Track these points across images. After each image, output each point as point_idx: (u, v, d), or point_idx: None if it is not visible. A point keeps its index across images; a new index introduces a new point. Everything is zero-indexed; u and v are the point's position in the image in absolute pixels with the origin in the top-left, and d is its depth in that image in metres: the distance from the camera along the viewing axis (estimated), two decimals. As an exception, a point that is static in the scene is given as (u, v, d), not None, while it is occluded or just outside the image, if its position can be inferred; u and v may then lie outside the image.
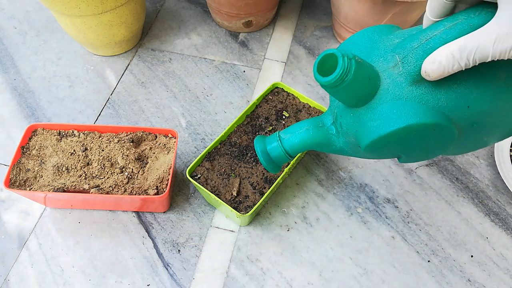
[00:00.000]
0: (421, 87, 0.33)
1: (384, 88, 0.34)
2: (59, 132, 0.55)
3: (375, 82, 0.34)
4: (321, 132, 0.42)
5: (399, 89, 0.33)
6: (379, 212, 0.57)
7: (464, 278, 0.52)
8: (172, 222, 0.55)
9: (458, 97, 0.33)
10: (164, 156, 0.53)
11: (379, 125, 0.34)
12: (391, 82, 0.34)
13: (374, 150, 0.36)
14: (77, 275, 0.51)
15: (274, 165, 0.44)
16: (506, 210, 0.57)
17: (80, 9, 0.59)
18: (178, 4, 0.82)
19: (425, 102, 0.33)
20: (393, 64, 0.34)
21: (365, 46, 0.37)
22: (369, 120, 0.35)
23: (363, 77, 0.33)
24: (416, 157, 0.39)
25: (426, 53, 0.31)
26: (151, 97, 0.68)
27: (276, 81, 0.64)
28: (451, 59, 0.29)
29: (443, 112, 0.33)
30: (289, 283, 0.51)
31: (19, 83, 0.69)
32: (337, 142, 0.41)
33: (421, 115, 0.32)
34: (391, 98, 0.34)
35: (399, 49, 0.33)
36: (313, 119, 0.43)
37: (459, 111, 0.33)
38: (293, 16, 0.81)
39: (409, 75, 0.33)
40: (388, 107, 0.34)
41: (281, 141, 0.43)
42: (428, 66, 0.30)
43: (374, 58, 0.35)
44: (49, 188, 0.49)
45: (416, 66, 0.32)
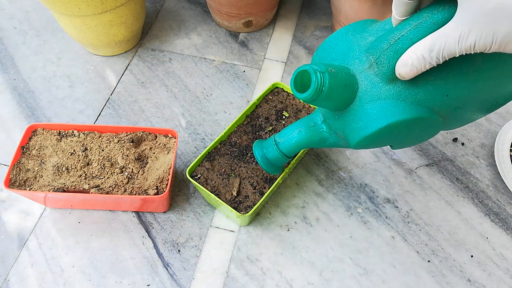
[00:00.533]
0: (397, 85, 0.34)
1: (363, 90, 0.35)
2: (59, 132, 0.55)
3: (352, 87, 0.35)
4: (314, 131, 0.43)
5: (377, 90, 0.34)
6: (379, 212, 0.57)
7: (464, 278, 0.52)
8: (172, 222, 0.55)
9: (436, 89, 0.33)
10: (164, 156, 0.53)
11: (363, 126, 0.35)
12: (368, 84, 0.34)
13: (363, 147, 0.37)
14: (77, 275, 0.51)
15: (274, 167, 0.47)
16: (506, 210, 0.57)
17: (80, 9, 0.59)
18: (178, 4, 0.82)
19: (403, 98, 0.34)
20: (368, 65, 0.34)
21: (340, 51, 0.37)
22: (353, 121, 0.36)
23: (339, 85, 0.34)
24: (407, 144, 0.40)
25: (396, 53, 0.32)
26: (151, 97, 0.68)
27: (276, 81, 0.64)
28: (422, 60, 0.30)
29: (423, 105, 0.34)
30: (289, 283, 0.51)
31: (19, 83, 0.69)
32: (330, 139, 0.43)
33: (401, 112, 0.33)
34: (371, 99, 0.35)
35: (371, 50, 0.34)
36: (305, 119, 0.44)
37: (439, 101, 0.34)
38: (293, 16, 0.81)
39: (384, 76, 0.34)
40: (369, 108, 0.35)
41: (277, 145, 0.45)
42: (401, 69, 0.31)
43: (350, 61, 0.36)
44: (49, 188, 0.49)
45: (389, 67, 0.33)
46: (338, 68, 0.34)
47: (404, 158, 0.62)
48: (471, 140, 0.64)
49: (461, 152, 0.63)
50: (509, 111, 0.67)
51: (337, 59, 0.37)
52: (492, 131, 0.65)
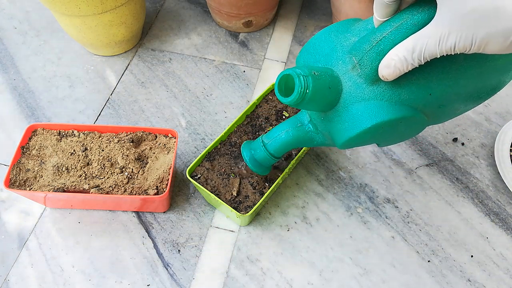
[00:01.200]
0: (381, 86, 0.34)
1: (347, 92, 0.35)
2: (59, 132, 0.55)
3: (336, 89, 0.35)
4: (301, 131, 0.43)
5: (361, 91, 0.34)
6: (379, 212, 0.57)
7: (464, 278, 0.52)
8: (172, 222, 0.55)
9: (419, 88, 0.34)
10: (164, 156, 0.53)
11: (348, 127, 0.35)
12: (352, 85, 0.35)
13: (349, 146, 0.38)
14: (77, 275, 0.51)
15: (263, 168, 0.48)
16: (506, 210, 0.57)
17: (80, 9, 0.59)
18: (178, 4, 0.82)
19: (387, 98, 0.34)
20: (351, 66, 0.35)
21: (324, 52, 0.37)
22: (338, 123, 0.36)
23: (323, 88, 0.34)
24: (393, 142, 0.41)
25: (378, 55, 0.32)
26: (151, 97, 0.68)
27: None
28: (404, 61, 0.30)
29: (407, 104, 0.34)
30: (289, 283, 0.51)
31: (19, 83, 0.69)
32: (317, 138, 0.43)
33: (385, 112, 0.33)
34: (355, 100, 0.35)
35: (354, 51, 0.34)
36: (292, 119, 0.45)
37: (422, 100, 0.34)
38: (293, 16, 0.81)
39: (367, 77, 0.34)
40: (353, 109, 0.35)
41: (265, 146, 0.45)
42: (384, 71, 0.32)
43: (334, 62, 0.36)
44: (49, 188, 0.49)
45: (372, 68, 0.33)
46: (322, 71, 0.34)
47: (404, 158, 0.62)
48: (471, 140, 0.64)
49: (461, 152, 0.63)
50: (509, 111, 0.67)
51: (321, 60, 0.37)
52: (492, 131, 0.65)
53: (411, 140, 0.64)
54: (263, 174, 0.48)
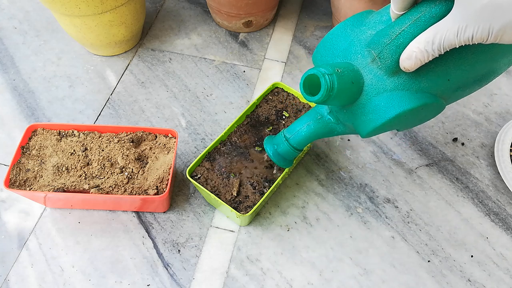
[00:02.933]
0: (401, 76, 0.35)
1: (368, 84, 0.36)
2: (59, 132, 0.55)
3: (358, 83, 0.36)
4: (321, 123, 0.45)
5: (382, 82, 0.36)
6: (379, 212, 0.57)
7: (464, 278, 0.52)
8: (172, 222, 0.55)
9: (438, 75, 0.35)
10: (164, 156, 0.53)
11: (372, 118, 0.37)
12: (373, 77, 0.36)
13: (373, 135, 0.39)
14: (77, 275, 0.51)
15: (286, 161, 0.49)
16: (506, 210, 0.57)
17: (80, 9, 0.59)
18: (178, 4, 0.82)
19: (408, 88, 0.35)
20: (371, 59, 0.36)
21: (341, 47, 0.38)
22: (362, 114, 0.37)
23: (346, 84, 0.35)
24: (412, 126, 0.42)
25: (398, 48, 0.33)
26: (151, 97, 0.68)
27: (276, 81, 0.64)
28: (425, 52, 0.32)
29: (427, 92, 0.35)
30: (289, 283, 0.51)
31: (19, 83, 0.69)
32: (338, 129, 0.44)
33: (407, 101, 0.35)
34: (377, 92, 0.36)
35: (373, 45, 0.35)
36: (311, 112, 0.46)
37: (441, 86, 0.36)
38: (293, 16, 0.81)
39: (388, 69, 0.35)
40: (376, 101, 0.36)
41: (288, 141, 0.47)
42: (405, 62, 0.33)
43: (353, 56, 0.37)
44: (49, 188, 0.49)
45: (392, 60, 0.34)
46: (344, 67, 0.35)
47: (404, 158, 0.62)
48: (471, 140, 0.64)
49: (461, 152, 0.63)
50: (509, 111, 0.67)
51: (339, 55, 0.38)
52: (492, 131, 0.65)
53: (411, 140, 0.64)
54: (286, 167, 0.49)
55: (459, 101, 0.69)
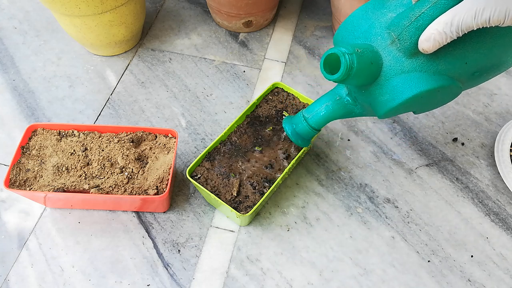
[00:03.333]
0: (419, 58, 0.36)
1: (387, 65, 0.37)
2: (59, 132, 0.55)
3: (377, 63, 0.37)
4: (340, 104, 0.46)
5: (400, 63, 0.37)
6: (379, 212, 0.57)
7: (464, 278, 0.52)
8: (172, 222, 0.55)
9: (455, 58, 0.36)
10: (164, 156, 0.53)
11: (389, 99, 0.38)
12: (392, 59, 0.37)
13: (390, 116, 0.40)
14: (77, 275, 0.51)
15: (304, 140, 0.50)
16: (506, 210, 0.57)
17: (80, 9, 0.59)
18: (178, 4, 0.82)
19: (426, 70, 0.36)
20: (390, 41, 0.37)
21: (362, 29, 0.39)
22: (380, 95, 0.39)
23: (366, 64, 0.36)
24: (429, 109, 0.43)
25: (418, 30, 0.34)
26: (151, 97, 0.68)
27: (276, 81, 0.64)
28: (443, 34, 0.32)
29: (444, 74, 0.36)
30: (289, 283, 0.51)
31: (19, 83, 0.69)
32: (356, 110, 0.45)
33: (424, 83, 0.36)
34: (395, 73, 0.37)
35: (393, 27, 0.36)
36: (330, 93, 0.47)
37: (458, 69, 0.36)
38: (293, 16, 0.81)
39: (407, 50, 0.36)
40: (394, 82, 0.37)
41: (307, 121, 0.48)
42: (424, 44, 0.34)
43: (373, 38, 0.38)
44: (49, 188, 0.49)
45: (411, 42, 0.35)
46: (364, 47, 0.36)
47: (404, 158, 0.62)
48: (471, 140, 0.64)
49: (461, 152, 0.63)
50: (509, 111, 0.67)
51: (360, 37, 0.39)
52: (492, 131, 0.65)
53: (411, 140, 0.64)
54: (304, 146, 0.51)
55: (459, 101, 0.69)
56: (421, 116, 0.67)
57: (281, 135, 0.55)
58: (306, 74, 0.72)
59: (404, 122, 0.66)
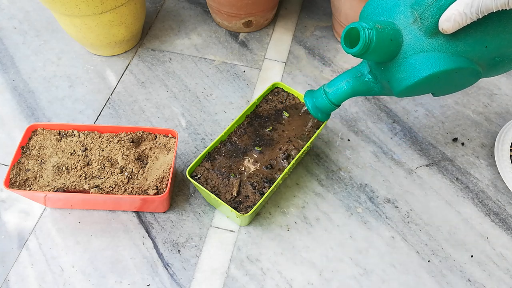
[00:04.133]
0: (439, 38, 0.37)
1: (407, 44, 0.38)
2: (59, 132, 0.55)
3: (397, 41, 0.38)
4: (360, 81, 0.46)
5: (420, 43, 0.37)
6: (379, 212, 0.57)
7: (464, 278, 0.52)
8: (172, 222, 0.55)
9: (475, 41, 0.36)
10: (164, 156, 0.53)
11: (406, 77, 0.38)
12: (412, 37, 0.38)
13: (407, 95, 0.41)
14: (77, 275, 0.51)
15: (324, 114, 0.51)
16: (506, 210, 0.57)
17: (80, 9, 0.59)
18: (178, 4, 0.82)
19: (445, 50, 0.37)
20: (412, 20, 0.37)
21: (387, 6, 0.40)
22: (397, 72, 0.39)
23: (385, 40, 0.37)
24: (448, 92, 0.44)
25: (439, 9, 0.35)
26: (151, 97, 0.68)
27: (276, 81, 0.64)
28: (464, 15, 0.33)
29: (464, 56, 0.37)
30: (289, 283, 0.51)
31: (19, 83, 0.69)
32: (375, 88, 0.46)
33: (442, 63, 0.36)
34: (414, 52, 0.38)
35: (416, 6, 0.37)
36: (352, 70, 0.48)
37: (478, 52, 0.37)
38: (293, 16, 0.81)
39: (427, 30, 0.36)
40: (412, 60, 0.38)
41: (327, 95, 0.49)
42: (444, 24, 0.34)
43: (396, 16, 0.39)
44: (49, 188, 0.49)
45: (432, 22, 0.36)
46: (385, 24, 0.37)
47: (404, 158, 0.62)
48: (471, 140, 0.64)
49: (461, 152, 0.63)
50: (509, 111, 0.67)
51: (384, 14, 0.40)
52: (492, 131, 0.65)
53: (411, 140, 0.64)
54: (323, 120, 0.51)
55: (459, 101, 0.69)
56: (421, 116, 0.67)
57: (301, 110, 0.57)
58: (306, 74, 0.72)
59: (404, 122, 0.66)
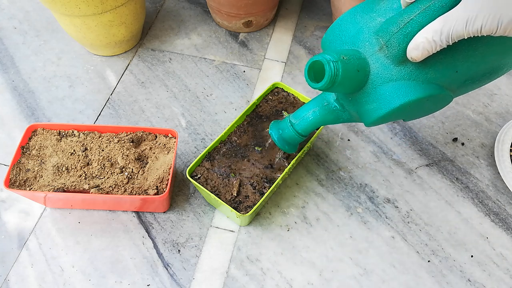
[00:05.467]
0: (408, 66, 0.35)
1: (374, 73, 0.36)
2: (59, 132, 0.55)
3: (364, 71, 0.36)
4: (327, 110, 0.44)
5: (388, 71, 0.35)
6: (379, 212, 0.57)
7: (464, 278, 0.52)
8: (172, 222, 0.55)
9: (445, 66, 0.34)
10: (164, 156, 0.53)
11: (376, 107, 0.36)
12: (379, 66, 0.35)
13: (377, 124, 0.39)
14: (77, 275, 0.51)
15: (291, 146, 0.49)
16: (506, 210, 0.57)
17: (80, 9, 0.59)
18: (178, 4, 0.82)
19: (414, 78, 0.35)
20: (378, 47, 0.35)
21: (350, 33, 0.38)
22: (366, 103, 0.37)
23: (352, 71, 0.35)
24: (419, 116, 0.42)
25: (406, 37, 0.33)
26: (151, 97, 0.68)
27: (276, 81, 0.64)
28: (432, 43, 0.31)
29: (434, 83, 0.35)
30: (289, 283, 0.51)
31: (19, 83, 0.69)
32: (344, 116, 0.44)
33: (413, 91, 0.34)
34: (383, 81, 0.35)
35: (381, 33, 0.35)
36: (317, 98, 0.45)
37: (448, 77, 0.35)
38: (293, 16, 0.81)
39: (395, 58, 0.34)
40: (381, 90, 0.36)
41: (293, 126, 0.47)
42: (413, 52, 0.33)
43: (360, 44, 0.36)
44: (49, 188, 0.49)
45: (400, 50, 0.34)
46: (350, 54, 0.35)
47: (404, 158, 0.62)
48: (471, 140, 0.64)
49: (461, 152, 0.63)
50: (509, 111, 0.67)
51: (347, 42, 0.38)
52: (492, 131, 0.65)
53: (411, 140, 0.64)
54: (290, 152, 0.50)
55: (459, 101, 0.69)
56: (421, 116, 0.67)
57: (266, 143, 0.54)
58: (306, 74, 0.72)
59: (404, 122, 0.66)
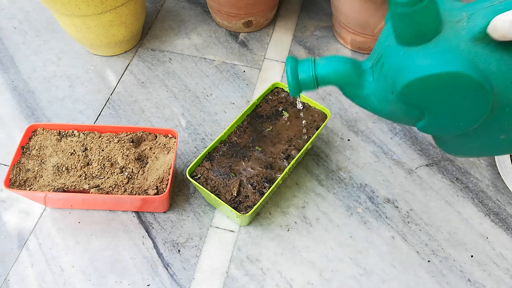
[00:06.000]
0: (478, 46, 0.34)
1: (444, 37, 0.35)
2: (59, 132, 0.55)
3: (438, 24, 0.35)
4: (356, 71, 0.42)
5: (458, 41, 0.35)
6: (379, 212, 0.57)
7: (464, 278, 0.52)
8: (172, 222, 0.55)
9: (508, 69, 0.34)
10: (164, 156, 0.53)
11: (428, 65, 0.35)
12: (452, 33, 0.35)
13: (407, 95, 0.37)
14: (77, 275, 0.51)
15: (298, 87, 0.43)
16: (506, 210, 0.57)
17: (80, 9, 0.60)
18: (178, 4, 0.82)
19: (476, 60, 0.34)
20: (458, 19, 0.35)
21: None
22: (420, 58, 0.36)
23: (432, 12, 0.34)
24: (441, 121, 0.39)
25: (496, 13, 0.32)
26: (151, 97, 0.68)
27: (276, 81, 0.64)
28: None
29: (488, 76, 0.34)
30: (289, 283, 0.51)
31: (19, 83, 0.69)
32: (367, 87, 0.41)
33: (469, 68, 0.34)
34: (448, 47, 0.35)
35: (467, 7, 0.35)
36: (353, 59, 0.43)
37: (502, 83, 0.34)
38: (293, 16, 0.81)
39: (471, 31, 0.34)
40: (442, 52, 0.35)
41: (315, 63, 0.42)
42: (499, 22, 0.31)
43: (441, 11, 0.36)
44: (49, 188, 0.49)
45: (481, 24, 0.33)
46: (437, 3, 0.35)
47: (404, 158, 0.62)
48: (471, 140, 0.64)
49: (461, 152, 0.63)
50: (509, 111, 0.67)
51: None
52: (492, 131, 0.65)
53: (411, 140, 0.64)
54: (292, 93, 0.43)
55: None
56: (421, 116, 0.67)
57: None
58: (306, 74, 0.72)
59: (404, 122, 0.66)
